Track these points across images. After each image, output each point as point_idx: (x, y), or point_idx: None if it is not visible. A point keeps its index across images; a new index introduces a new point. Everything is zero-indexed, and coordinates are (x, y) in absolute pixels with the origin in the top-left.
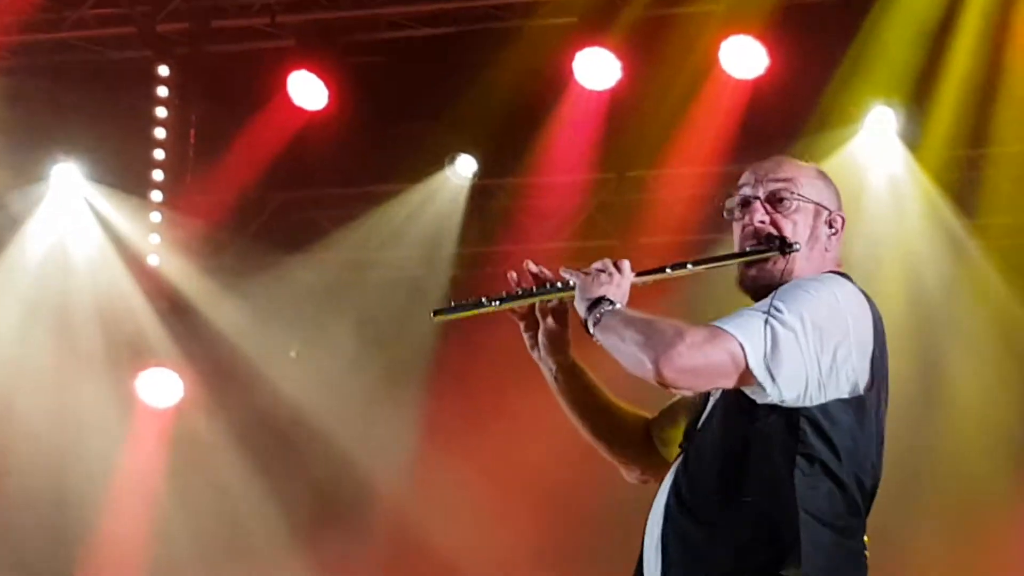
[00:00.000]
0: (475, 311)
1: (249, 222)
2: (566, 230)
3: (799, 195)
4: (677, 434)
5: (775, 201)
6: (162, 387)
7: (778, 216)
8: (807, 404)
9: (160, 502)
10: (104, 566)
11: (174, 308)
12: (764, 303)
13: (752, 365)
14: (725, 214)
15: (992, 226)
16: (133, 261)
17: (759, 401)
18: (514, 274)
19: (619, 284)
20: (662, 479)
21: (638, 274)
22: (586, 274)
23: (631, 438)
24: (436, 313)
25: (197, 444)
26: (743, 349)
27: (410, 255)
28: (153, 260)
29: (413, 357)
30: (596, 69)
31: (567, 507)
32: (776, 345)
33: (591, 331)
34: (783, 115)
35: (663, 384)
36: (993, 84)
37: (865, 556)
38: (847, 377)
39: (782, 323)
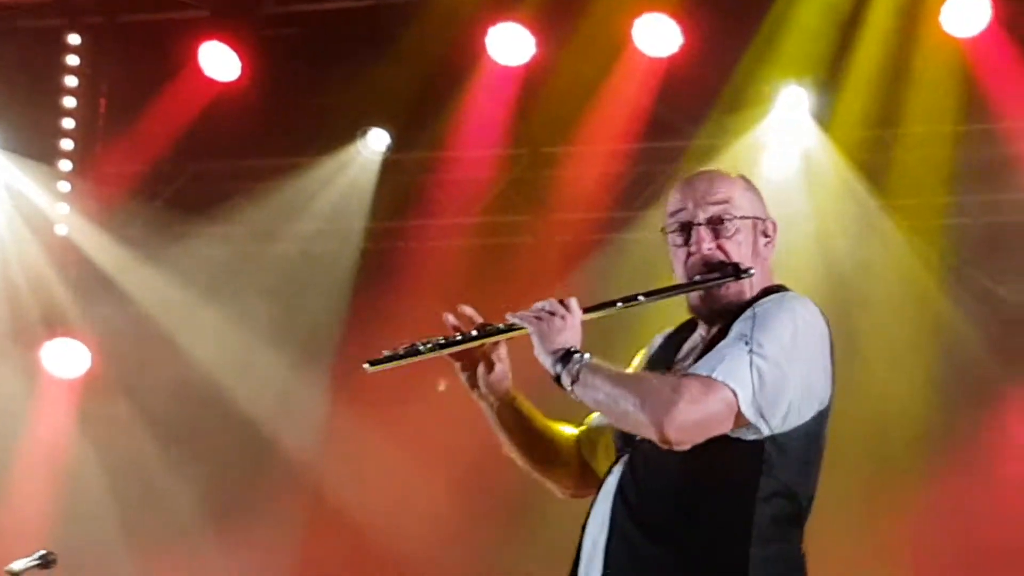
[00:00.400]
0: (412, 359)
1: (160, 192)
2: (478, 205)
3: (739, 216)
4: (606, 441)
5: (716, 224)
6: (68, 357)
7: (723, 241)
8: (779, 432)
9: (66, 473)
10: (9, 537)
11: (82, 278)
12: (743, 336)
13: (744, 408)
14: (662, 232)
15: (903, 207)
16: (41, 230)
17: (747, 438)
18: (451, 317)
19: (573, 326)
20: (591, 492)
21: (586, 310)
22: (538, 319)
23: (565, 459)
24: (372, 364)
25: (104, 414)
26: (735, 395)
27: (322, 228)
28: (61, 230)
29: (326, 330)
30: (509, 44)
31: (485, 482)
32: (763, 383)
33: (567, 387)
34: (696, 94)
35: (666, 443)
36: (905, 64)
37: (806, 561)
38: (817, 398)
39: (764, 358)
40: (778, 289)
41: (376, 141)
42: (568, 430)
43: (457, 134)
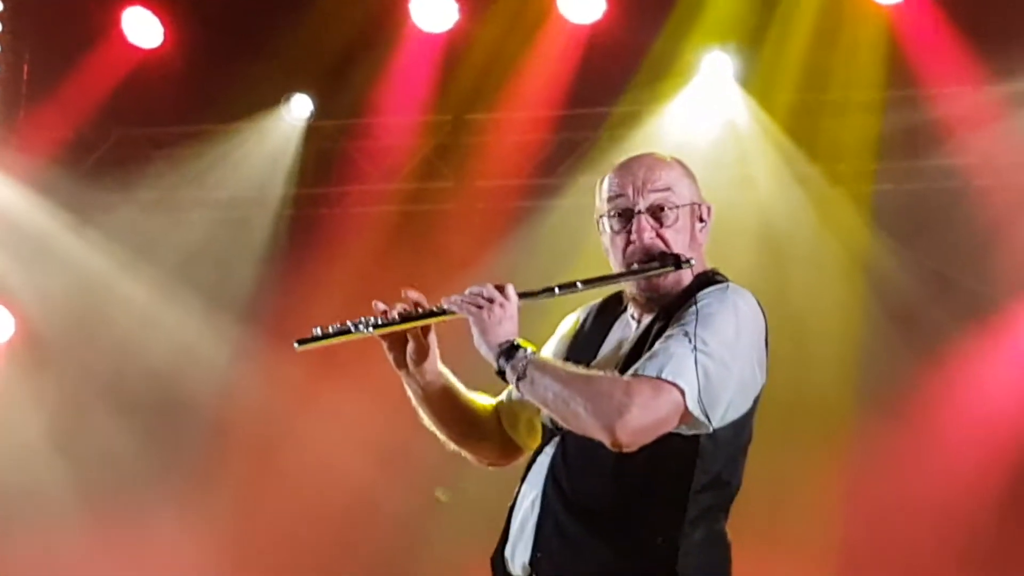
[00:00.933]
0: (342, 338)
1: (84, 158)
2: (401, 172)
3: (679, 205)
4: (528, 415)
5: (657, 211)
6: None
7: (664, 230)
8: (718, 427)
9: None
10: None
11: (5, 243)
12: (687, 332)
13: (691, 407)
14: (599, 218)
15: (829, 172)
16: None
17: (685, 434)
18: (380, 304)
19: (512, 316)
20: (511, 462)
21: (522, 295)
22: (477, 307)
23: (485, 431)
24: (300, 343)
25: (29, 381)
26: (683, 394)
27: (245, 195)
28: None
29: (251, 296)
30: (433, 10)
31: (415, 447)
32: (709, 381)
33: (512, 382)
34: (621, 60)
35: (616, 447)
36: (830, 30)
37: (730, 547)
38: (752, 392)
39: (709, 356)
40: (714, 275)
41: (299, 107)
42: (487, 400)
43: (380, 100)
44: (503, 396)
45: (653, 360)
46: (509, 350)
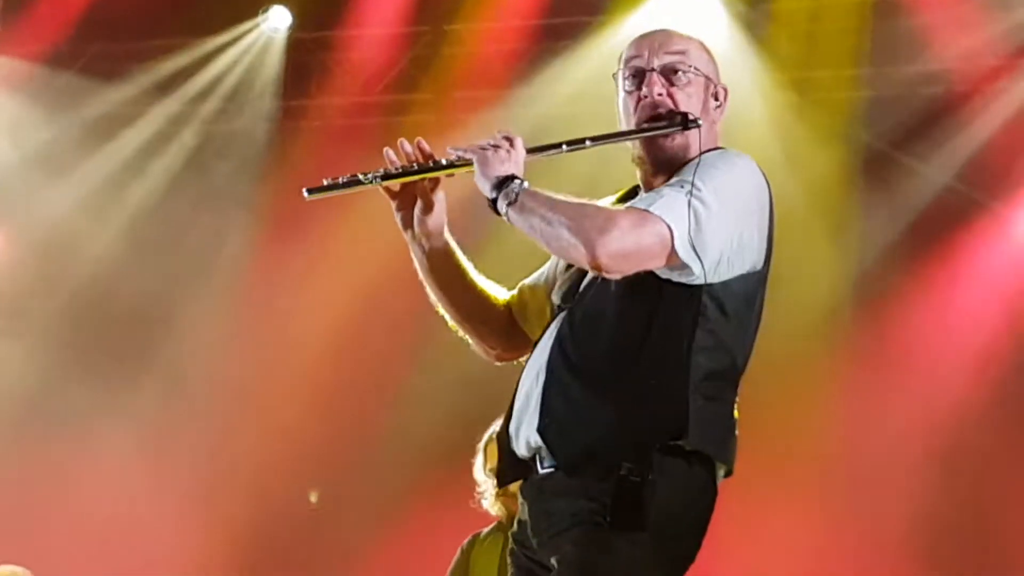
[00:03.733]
0: (351, 188)
1: (60, 75)
2: (381, 83)
3: (693, 68)
4: (541, 307)
5: (670, 73)
6: None
7: (674, 89)
8: (713, 281)
9: None
10: None
11: None
12: (683, 181)
13: (678, 246)
14: (612, 78)
15: (811, 79)
16: None
17: (678, 280)
18: (391, 151)
19: (517, 161)
20: (520, 356)
21: (531, 150)
22: (482, 149)
23: (494, 317)
24: (310, 192)
25: (10, 308)
26: (671, 231)
27: (226, 108)
28: None
29: (233, 212)
30: None
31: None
32: (699, 224)
33: (503, 211)
34: None
35: (595, 268)
36: None
37: (736, 427)
38: (749, 255)
39: (702, 202)
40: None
41: (277, 19)
42: (499, 290)
43: (359, 12)
44: (516, 288)
45: (645, 199)
46: (505, 180)
